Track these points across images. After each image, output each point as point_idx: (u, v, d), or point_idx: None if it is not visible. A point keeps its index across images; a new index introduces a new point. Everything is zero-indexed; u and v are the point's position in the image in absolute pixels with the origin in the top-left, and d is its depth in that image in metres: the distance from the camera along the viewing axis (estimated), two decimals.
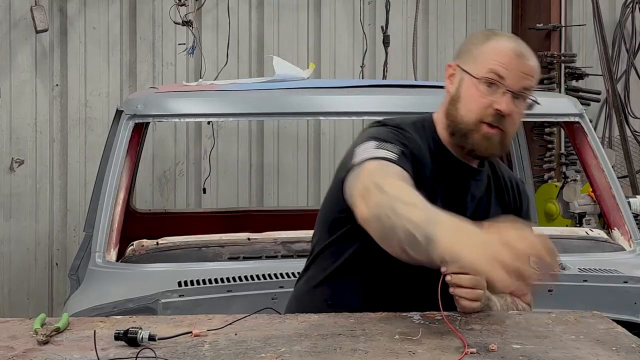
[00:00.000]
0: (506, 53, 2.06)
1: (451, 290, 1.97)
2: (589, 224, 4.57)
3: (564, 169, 6.19)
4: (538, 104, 2.10)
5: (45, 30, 5.78)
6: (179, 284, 3.05)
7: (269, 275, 3.07)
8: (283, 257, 3.27)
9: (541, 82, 6.29)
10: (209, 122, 5.88)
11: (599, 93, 6.47)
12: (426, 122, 2.18)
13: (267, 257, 3.26)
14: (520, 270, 1.59)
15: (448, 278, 1.96)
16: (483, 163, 2.21)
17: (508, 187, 2.26)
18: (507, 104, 2.03)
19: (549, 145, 6.29)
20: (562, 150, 6.33)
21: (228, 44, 6.14)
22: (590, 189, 4.23)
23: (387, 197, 1.82)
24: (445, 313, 2.06)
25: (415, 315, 2.02)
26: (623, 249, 3.54)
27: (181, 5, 5.83)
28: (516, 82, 2.04)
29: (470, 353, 1.75)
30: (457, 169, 2.15)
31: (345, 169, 2.02)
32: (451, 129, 2.12)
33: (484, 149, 2.10)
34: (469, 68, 2.08)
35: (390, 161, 1.96)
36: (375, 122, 2.17)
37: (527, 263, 1.60)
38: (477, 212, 2.16)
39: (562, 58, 6.38)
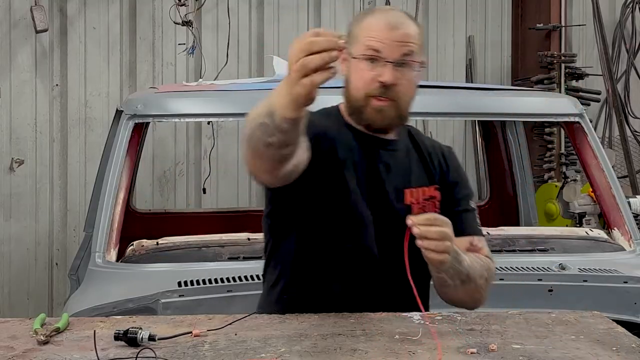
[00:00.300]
0: (377, 27, 2.12)
1: (418, 242, 1.92)
2: (589, 224, 4.56)
3: (564, 169, 6.18)
4: (423, 66, 2.16)
5: (45, 30, 5.78)
6: (179, 284, 3.05)
7: None
8: None
9: (541, 82, 6.30)
10: (209, 122, 5.88)
11: (599, 93, 6.46)
12: (331, 110, 2.25)
13: None
14: (305, 62, 1.73)
15: (415, 230, 1.91)
16: (398, 134, 2.25)
17: (431, 153, 2.29)
18: (389, 75, 2.09)
19: (549, 145, 6.28)
20: (562, 150, 6.32)
21: (228, 44, 6.13)
22: (590, 189, 4.22)
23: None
24: (444, 313, 2.06)
25: (415, 315, 2.03)
26: (623, 249, 3.54)
27: (181, 5, 5.83)
28: (393, 52, 2.10)
29: (470, 353, 1.76)
30: (365, 142, 2.19)
31: None
32: (349, 110, 2.20)
33: (380, 121, 2.15)
34: (352, 49, 2.13)
35: None
36: None
37: (304, 53, 1.73)
38: (396, 181, 2.19)
39: (562, 58, 6.36)
